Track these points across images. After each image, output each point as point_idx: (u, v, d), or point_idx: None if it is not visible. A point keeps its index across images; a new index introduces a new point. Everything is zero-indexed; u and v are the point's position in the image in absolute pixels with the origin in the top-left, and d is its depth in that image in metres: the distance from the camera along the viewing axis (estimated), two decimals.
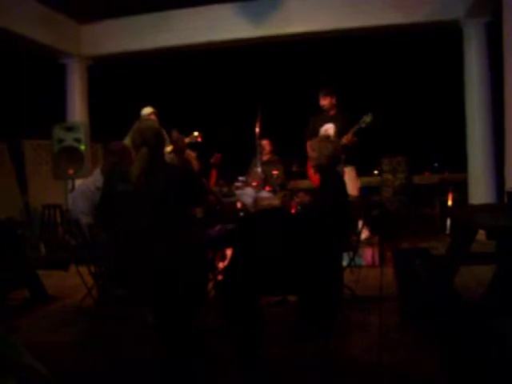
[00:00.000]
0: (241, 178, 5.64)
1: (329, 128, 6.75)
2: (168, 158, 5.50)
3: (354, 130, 6.40)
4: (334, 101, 6.81)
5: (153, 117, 6.66)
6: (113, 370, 3.14)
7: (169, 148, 6.00)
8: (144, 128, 3.27)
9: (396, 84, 9.44)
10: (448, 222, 7.78)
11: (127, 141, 5.60)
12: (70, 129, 6.93)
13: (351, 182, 6.57)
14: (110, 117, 8.92)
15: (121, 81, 9.43)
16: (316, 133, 6.66)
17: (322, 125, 6.79)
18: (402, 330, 3.62)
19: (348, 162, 6.61)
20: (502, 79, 6.04)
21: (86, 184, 4.41)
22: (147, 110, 6.71)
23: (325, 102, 6.83)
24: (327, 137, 4.43)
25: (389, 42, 8.62)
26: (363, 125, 6.38)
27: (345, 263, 4.41)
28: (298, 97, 9.54)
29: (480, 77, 7.77)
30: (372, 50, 9.03)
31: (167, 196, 3.09)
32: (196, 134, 6.38)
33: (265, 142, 7.66)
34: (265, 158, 7.46)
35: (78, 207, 4.31)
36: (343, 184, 4.24)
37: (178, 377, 2.88)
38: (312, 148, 4.28)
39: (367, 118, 6.36)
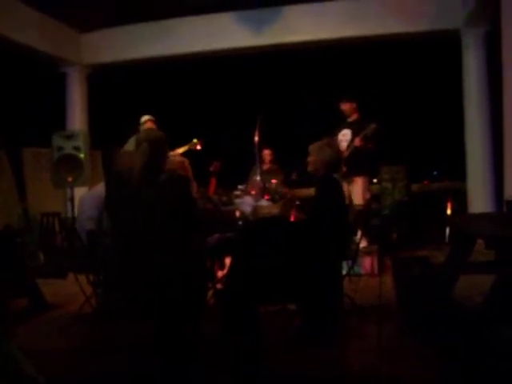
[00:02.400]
0: (240, 187, 5.64)
1: (345, 134, 6.79)
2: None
3: (361, 136, 6.44)
4: (353, 107, 6.85)
5: (149, 124, 6.61)
6: (111, 376, 3.13)
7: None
8: (148, 130, 3.41)
9: (395, 93, 9.46)
10: (447, 230, 7.77)
11: (128, 145, 5.60)
12: (70, 137, 6.93)
13: (358, 191, 6.58)
14: (109, 124, 8.92)
15: (121, 89, 9.44)
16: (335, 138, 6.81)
17: (340, 130, 6.85)
18: (402, 339, 3.61)
19: (359, 172, 6.62)
20: (501, 88, 6.06)
21: (99, 191, 4.33)
22: (144, 118, 6.65)
23: (345, 107, 6.88)
24: (328, 142, 4.27)
25: (387, 51, 8.65)
26: (369, 133, 6.41)
27: (343, 272, 4.40)
28: (297, 105, 9.55)
29: (479, 86, 7.80)
30: (371, 59, 9.05)
31: (165, 200, 3.10)
32: (195, 141, 6.38)
33: (266, 152, 7.69)
34: (265, 167, 7.48)
35: (86, 212, 4.29)
36: (341, 192, 4.16)
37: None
38: (310, 152, 4.18)
39: (372, 125, 6.40)
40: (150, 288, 3.05)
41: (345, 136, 6.78)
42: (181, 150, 6.39)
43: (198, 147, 6.31)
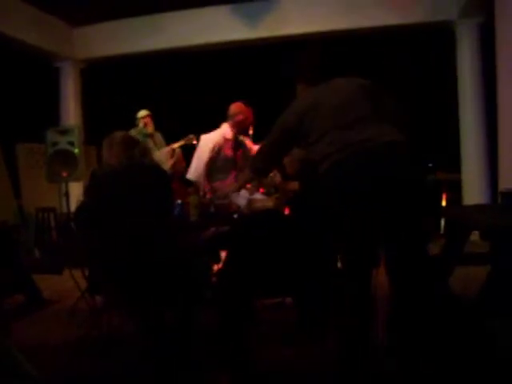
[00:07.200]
0: None
1: None
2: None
3: None
4: None
5: (147, 119, 6.63)
6: (106, 373, 3.14)
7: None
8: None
9: (389, 84, 9.45)
10: (442, 222, 7.78)
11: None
12: (64, 132, 6.91)
13: None
14: (104, 120, 8.89)
15: (115, 83, 9.40)
16: None
17: None
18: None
19: None
20: (495, 80, 6.06)
21: None
22: (141, 113, 6.70)
23: None
24: None
25: (381, 43, 8.63)
26: None
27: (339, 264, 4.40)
28: (292, 98, 9.53)
29: (473, 77, 7.79)
30: (365, 51, 9.04)
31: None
32: (191, 136, 6.38)
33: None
34: None
35: None
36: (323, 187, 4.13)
37: (169, 380, 2.89)
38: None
39: None
40: (146, 283, 3.06)
41: None
42: (177, 145, 6.39)
43: (194, 142, 6.30)
